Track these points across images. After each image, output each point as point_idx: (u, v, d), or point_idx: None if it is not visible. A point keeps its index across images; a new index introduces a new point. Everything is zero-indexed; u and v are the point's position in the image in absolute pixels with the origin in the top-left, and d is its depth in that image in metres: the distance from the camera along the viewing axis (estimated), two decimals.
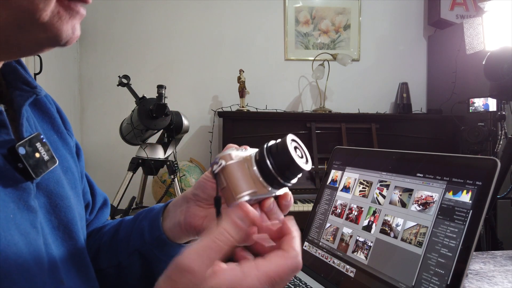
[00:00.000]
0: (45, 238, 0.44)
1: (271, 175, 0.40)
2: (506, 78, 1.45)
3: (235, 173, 0.40)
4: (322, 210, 0.81)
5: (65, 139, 0.55)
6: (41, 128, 0.51)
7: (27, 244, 0.40)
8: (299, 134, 2.62)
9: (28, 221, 0.42)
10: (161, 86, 1.94)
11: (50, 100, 0.56)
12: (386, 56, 3.19)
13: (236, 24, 3.03)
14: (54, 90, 2.42)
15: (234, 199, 0.39)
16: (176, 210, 0.54)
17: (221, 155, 0.41)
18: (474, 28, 1.83)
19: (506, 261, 0.90)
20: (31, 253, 0.41)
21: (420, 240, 0.58)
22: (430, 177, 0.62)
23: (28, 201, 0.42)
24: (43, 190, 0.46)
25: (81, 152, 0.60)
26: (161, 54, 2.96)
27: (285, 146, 0.40)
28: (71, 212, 0.49)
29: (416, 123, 2.79)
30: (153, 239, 0.54)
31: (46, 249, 0.43)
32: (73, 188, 0.53)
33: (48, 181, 0.46)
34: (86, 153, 2.92)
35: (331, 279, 0.71)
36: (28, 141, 0.43)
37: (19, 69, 0.46)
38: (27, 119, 0.46)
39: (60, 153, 0.52)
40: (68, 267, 0.47)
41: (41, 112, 0.52)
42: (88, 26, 2.89)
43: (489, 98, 2.11)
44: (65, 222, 0.48)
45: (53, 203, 0.47)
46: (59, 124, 0.55)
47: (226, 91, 2.99)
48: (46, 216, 0.46)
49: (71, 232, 0.49)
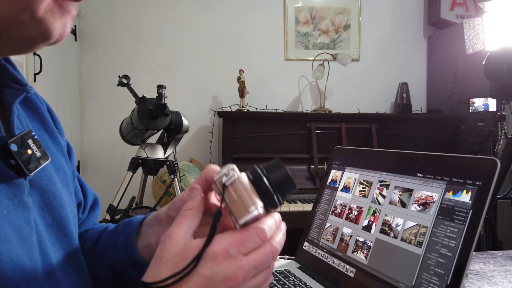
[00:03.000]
0: (39, 235, 0.44)
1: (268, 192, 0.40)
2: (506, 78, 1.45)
3: (248, 186, 0.40)
4: (322, 210, 0.81)
5: (56, 138, 0.55)
6: (32, 127, 0.51)
7: (20, 240, 0.40)
8: (299, 134, 2.62)
9: (22, 217, 0.42)
10: (161, 86, 1.93)
11: (40, 100, 0.55)
12: (386, 56, 3.19)
13: (236, 24, 3.03)
14: (54, 90, 2.42)
15: (248, 212, 0.39)
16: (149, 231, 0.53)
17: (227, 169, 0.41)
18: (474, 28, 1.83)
19: (506, 261, 0.90)
20: (25, 249, 0.41)
21: (420, 240, 0.58)
22: (430, 177, 0.62)
23: (22, 197, 0.42)
24: (36, 188, 0.46)
25: (72, 152, 0.60)
26: (161, 54, 2.96)
27: (281, 163, 0.41)
28: (64, 210, 0.49)
29: (416, 123, 2.79)
30: (127, 257, 0.53)
31: (40, 246, 0.43)
32: (65, 187, 0.53)
33: (40, 178, 0.47)
34: (86, 153, 2.94)
35: (331, 279, 0.71)
36: (19, 138, 0.43)
37: (9, 67, 0.46)
38: (18, 117, 0.46)
39: (51, 152, 0.52)
40: (63, 264, 0.47)
41: (31, 111, 0.52)
42: (88, 26, 2.89)
43: (489, 98, 2.11)
44: (59, 219, 0.48)
45: (47, 201, 0.47)
46: (49, 123, 0.54)
47: (226, 91, 2.99)
48: (40, 213, 0.46)
49: (65, 229, 0.49)
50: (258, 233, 0.39)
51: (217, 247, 0.38)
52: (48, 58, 2.24)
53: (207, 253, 0.37)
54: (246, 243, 0.38)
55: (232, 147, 2.53)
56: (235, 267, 0.37)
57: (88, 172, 2.90)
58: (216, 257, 0.37)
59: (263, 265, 0.39)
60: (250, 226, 0.39)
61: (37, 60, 2.11)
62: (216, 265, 0.37)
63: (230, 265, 0.37)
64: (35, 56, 2.10)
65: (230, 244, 0.38)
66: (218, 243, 0.38)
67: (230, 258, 0.37)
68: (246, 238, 0.38)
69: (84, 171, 2.91)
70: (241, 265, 0.37)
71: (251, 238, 0.38)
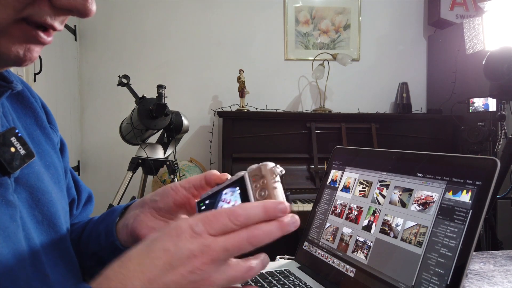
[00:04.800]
0: (26, 232, 0.44)
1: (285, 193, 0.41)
2: (506, 78, 1.45)
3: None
4: (322, 210, 0.81)
5: (49, 135, 0.54)
6: (23, 123, 0.50)
7: (5, 237, 0.40)
8: (299, 134, 2.62)
9: (6, 215, 0.41)
10: (161, 86, 1.93)
11: (34, 95, 0.55)
12: (386, 56, 3.19)
13: (236, 24, 3.03)
14: (54, 90, 2.42)
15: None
16: (130, 213, 0.53)
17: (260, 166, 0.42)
18: (474, 28, 1.83)
19: (506, 261, 0.90)
20: (10, 247, 0.40)
21: (420, 240, 0.58)
22: (430, 177, 0.61)
23: (6, 195, 0.42)
24: (24, 185, 0.45)
25: (65, 148, 0.59)
26: (161, 54, 2.96)
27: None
28: (54, 207, 0.49)
29: (416, 123, 2.79)
30: (108, 243, 0.53)
31: (27, 243, 0.43)
32: (56, 183, 0.52)
33: (28, 176, 0.46)
34: (86, 153, 2.94)
35: (331, 279, 0.71)
36: (1, 135, 0.42)
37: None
38: (4, 114, 0.45)
39: (43, 148, 0.52)
40: (53, 261, 0.47)
41: (23, 107, 0.52)
42: (87, 26, 2.89)
43: (489, 98, 2.11)
44: (49, 216, 0.48)
45: (35, 198, 0.47)
46: (42, 119, 0.54)
47: (226, 91, 2.99)
48: (29, 210, 0.45)
49: (56, 226, 0.49)
50: (228, 214, 0.37)
51: (183, 224, 0.37)
52: (48, 58, 2.24)
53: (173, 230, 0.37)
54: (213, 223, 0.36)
55: (232, 147, 2.53)
56: (200, 244, 0.35)
57: (88, 172, 2.90)
58: (181, 233, 0.36)
59: (235, 249, 0.36)
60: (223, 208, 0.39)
61: (37, 60, 2.11)
62: (180, 240, 0.36)
63: (195, 241, 0.36)
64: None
65: (196, 221, 0.36)
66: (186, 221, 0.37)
67: (195, 235, 0.36)
68: (213, 217, 0.37)
69: (84, 171, 2.91)
70: (207, 244, 0.35)
71: (219, 218, 0.36)
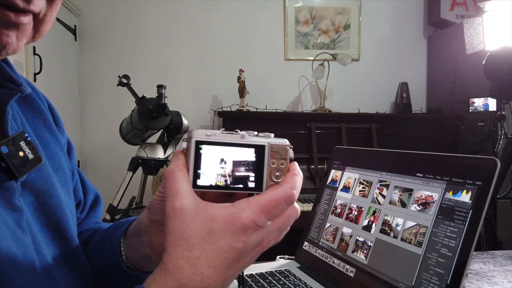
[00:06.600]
0: (33, 237, 0.43)
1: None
2: (506, 78, 1.45)
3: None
4: (322, 210, 0.81)
5: (57, 136, 0.54)
6: (32, 125, 0.50)
7: (15, 240, 0.40)
8: (299, 134, 2.62)
9: (12, 221, 0.41)
10: (161, 86, 1.94)
11: (41, 97, 0.55)
12: (386, 56, 3.19)
13: (236, 24, 3.03)
14: (54, 90, 2.42)
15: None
16: (137, 242, 0.51)
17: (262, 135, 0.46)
18: (474, 28, 1.83)
19: (506, 261, 0.90)
20: (20, 249, 0.40)
21: (420, 240, 0.58)
22: (430, 177, 0.61)
23: (12, 200, 0.41)
24: (30, 189, 0.45)
25: (72, 150, 0.59)
26: (161, 54, 2.96)
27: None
28: (62, 210, 0.49)
29: (416, 123, 2.79)
30: (114, 265, 0.53)
31: (36, 248, 0.43)
32: (64, 186, 0.52)
33: (36, 179, 0.46)
34: (86, 153, 2.94)
35: (331, 279, 0.71)
36: (11, 139, 0.42)
37: (4, 66, 0.45)
38: (13, 117, 0.45)
39: (52, 150, 0.52)
40: (60, 265, 0.46)
41: (32, 109, 0.52)
42: (88, 25, 2.89)
43: (489, 98, 2.11)
44: (55, 220, 0.48)
45: (41, 202, 0.46)
46: (50, 121, 0.54)
47: (226, 91, 2.99)
48: (34, 214, 0.45)
49: (62, 230, 0.48)
50: (285, 199, 0.39)
51: (246, 220, 0.38)
52: (48, 58, 2.24)
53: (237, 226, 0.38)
54: (273, 212, 0.39)
55: None
56: (264, 234, 0.39)
57: (88, 172, 2.90)
58: (246, 229, 0.38)
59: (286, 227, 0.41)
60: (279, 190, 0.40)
61: (37, 60, 2.11)
62: (247, 237, 0.38)
63: (259, 234, 0.38)
64: (35, 56, 2.10)
65: (259, 215, 0.38)
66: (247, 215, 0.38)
67: (259, 228, 0.38)
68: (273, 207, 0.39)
69: (84, 171, 2.91)
70: (268, 231, 0.39)
71: (278, 206, 0.39)
